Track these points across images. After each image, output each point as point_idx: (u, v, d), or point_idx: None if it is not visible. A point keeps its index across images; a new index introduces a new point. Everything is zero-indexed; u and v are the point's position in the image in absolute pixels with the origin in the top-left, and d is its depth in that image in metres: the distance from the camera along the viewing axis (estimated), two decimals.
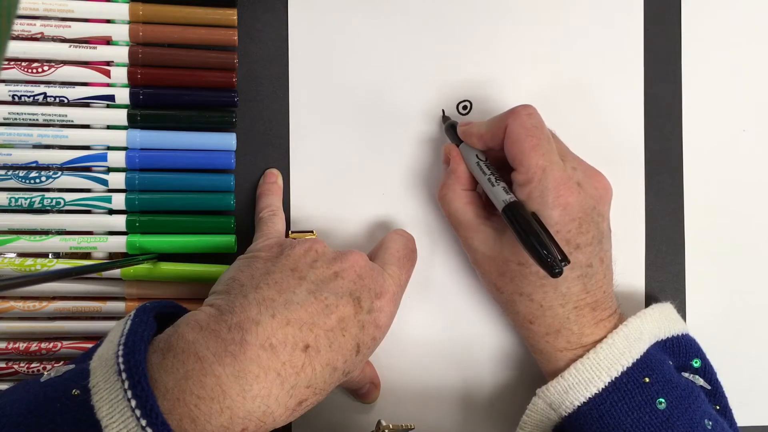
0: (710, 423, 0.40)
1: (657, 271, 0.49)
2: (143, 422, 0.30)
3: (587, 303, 0.41)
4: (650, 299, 0.49)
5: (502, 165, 0.42)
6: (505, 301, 0.43)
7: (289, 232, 0.45)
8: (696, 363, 0.44)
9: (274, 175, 0.46)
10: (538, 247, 0.37)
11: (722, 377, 0.44)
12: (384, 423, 0.42)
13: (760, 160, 0.50)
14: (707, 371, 0.44)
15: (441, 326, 0.47)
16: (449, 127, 0.46)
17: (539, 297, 0.41)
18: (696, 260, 0.49)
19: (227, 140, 0.45)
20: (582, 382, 0.40)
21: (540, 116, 0.41)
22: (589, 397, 0.39)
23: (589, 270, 0.40)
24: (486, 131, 0.42)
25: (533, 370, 0.46)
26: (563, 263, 0.37)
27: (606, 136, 0.48)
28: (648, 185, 0.49)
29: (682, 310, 0.48)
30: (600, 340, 0.41)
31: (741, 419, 0.44)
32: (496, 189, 0.41)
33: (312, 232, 0.44)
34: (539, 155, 0.39)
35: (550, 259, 0.36)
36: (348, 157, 0.47)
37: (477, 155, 0.43)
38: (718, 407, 0.44)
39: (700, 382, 0.43)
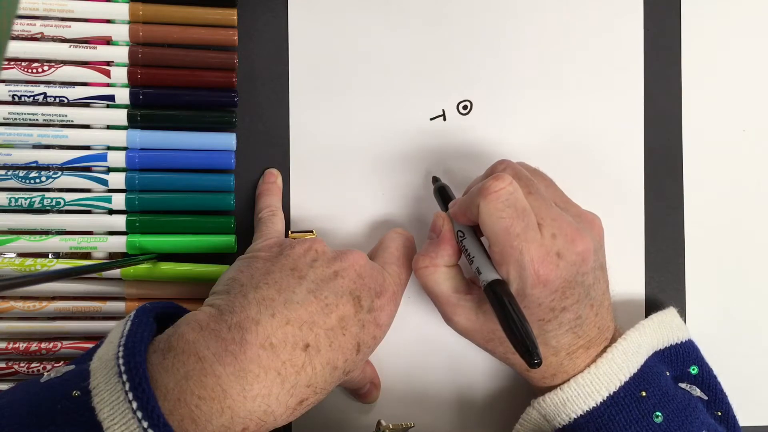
0: None
1: (657, 271, 0.49)
2: (145, 424, 0.30)
3: (580, 346, 0.40)
4: (650, 300, 0.49)
5: None
6: (498, 358, 0.43)
7: (289, 232, 0.45)
8: (693, 370, 0.44)
9: (274, 175, 0.46)
10: (519, 336, 0.35)
11: (722, 377, 0.44)
12: (384, 423, 0.42)
13: (760, 160, 0.50)
14: (705, 378, 0.44)
15: (440, 327, 0.47)
16: (438, 190, 0.45)
17: None
18: (696, 260, 0.49)
19: (227, 140, 0.45)
20: (581, 395, 0.40)
21: (511, 188, 0.38)
22: (587, 410, 0.39)
23: (579, 321, 0.40)
24: (466, 210, 0.40)
25: None
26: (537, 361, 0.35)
27: (606, 137, 0.48)
28: (648, 185, 0.49)
29: (681, 310, 0.48)
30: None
31: (741, 419, 0.44)
32: (481, 265, 0.39)
33: (312, 231, 0.44)
34: (513, 237, 0.37)
35: (531, 348, 0.35)
36: (348, 157, 0.47)
37: (462, 228, 0.41)
38: (719, 413, 0.43)
39: (697, 392, 0.43)
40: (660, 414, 0.39)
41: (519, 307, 0.37)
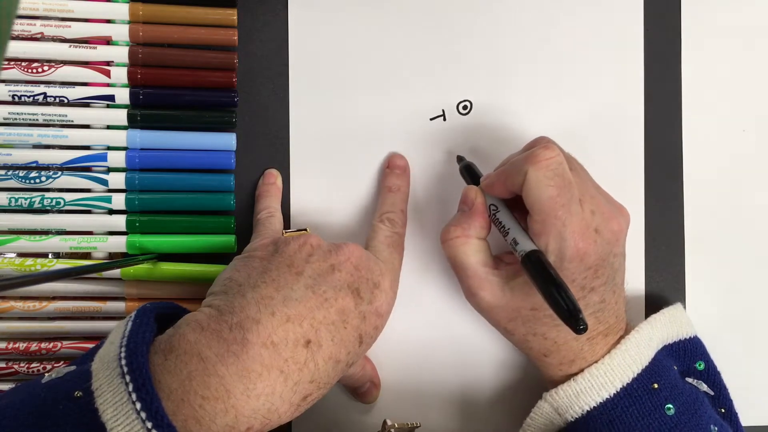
0: (716, 428, 0.40)
1: (657, 271, 0.49)
2: (149, 425, 0.30)
3: (599, 332, 0.41)
4: (650, 300, 0.49)
5: (522, 207, 0.40)
6: (517, 340, 0.42)
7: (283, 232, 0.44)
8: (699, 366, 0.44)
9: (273, 176, 0.46)
10: (564, 303, 0.35)
11: (722, 377, 0.44)
12: (390, 422, 0.42)
13: (760, 160, 0.50)
14: (710, 373, 0.44)
15: (442, 326, 0.47)
16: (465, 168, 0.45)
17: (553, 335, 0.40)
18: (696, 260, 0.49)
19: (227, 140, 0.45)
20: (595, 387, 0.40)
21: (560, 158, 0.39)
22: (601, 402, 0.39)
23: (602, 305, 0.40)
24: (507, 178, 0.40)
25: (535, 371, 0.46)
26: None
27: (606, 137, 0.49)
28: (648, 185, 0.49)
29: None
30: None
31: (741, 419, 0.44)
32: (518, 236, 0.39)
33: (305, 229, 0.43)
34: (558, 206, 0.38)
35: (576, 313, 0.34)
36: (348, 157, 0.47)
37: (495, 201, 0.42)
38: (723, 410, 0.44)
39: (704, 387, 0.43)
40: (672, 406, 0.39)
41: (559, 274, 0.37)
